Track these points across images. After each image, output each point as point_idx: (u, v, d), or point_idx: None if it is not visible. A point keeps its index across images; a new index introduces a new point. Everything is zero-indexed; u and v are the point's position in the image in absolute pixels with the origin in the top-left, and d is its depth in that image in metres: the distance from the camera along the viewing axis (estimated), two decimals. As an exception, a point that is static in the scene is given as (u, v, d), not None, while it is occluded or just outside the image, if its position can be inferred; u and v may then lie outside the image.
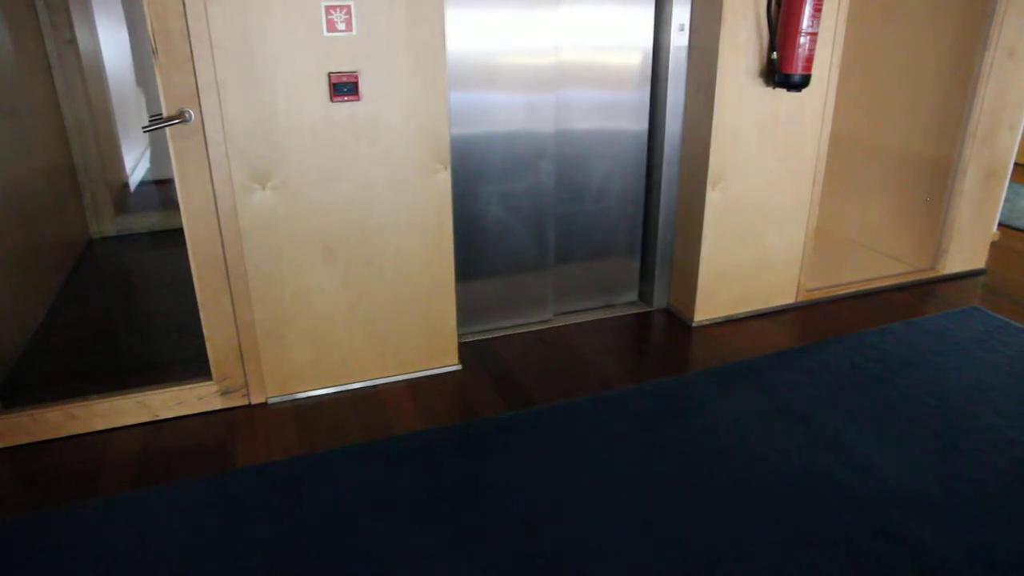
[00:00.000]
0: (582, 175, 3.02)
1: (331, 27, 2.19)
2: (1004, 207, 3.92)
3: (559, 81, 2.83)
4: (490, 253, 2.95)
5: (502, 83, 2.71)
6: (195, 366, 2.48)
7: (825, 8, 2.74)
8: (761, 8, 2.71)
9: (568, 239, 3.10)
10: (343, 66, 2.24)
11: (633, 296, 3.35)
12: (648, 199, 3.18)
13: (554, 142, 2.88)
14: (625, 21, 2.85)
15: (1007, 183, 3.65)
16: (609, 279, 3.26)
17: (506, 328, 3.06)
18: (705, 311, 3.11)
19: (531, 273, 3.04)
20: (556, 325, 3.09)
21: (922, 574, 1.78)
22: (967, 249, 3.63)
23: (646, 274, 3.28)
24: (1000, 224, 4.19)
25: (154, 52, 2.07)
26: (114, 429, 2.37)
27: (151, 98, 4.79)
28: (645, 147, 3.08)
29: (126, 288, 3.62)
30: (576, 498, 2.04)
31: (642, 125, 3.04)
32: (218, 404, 2.48)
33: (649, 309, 3.26)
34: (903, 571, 1.78)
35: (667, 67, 2.88)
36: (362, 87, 2.28)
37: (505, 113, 2.76)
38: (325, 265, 2.44)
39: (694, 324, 3.11)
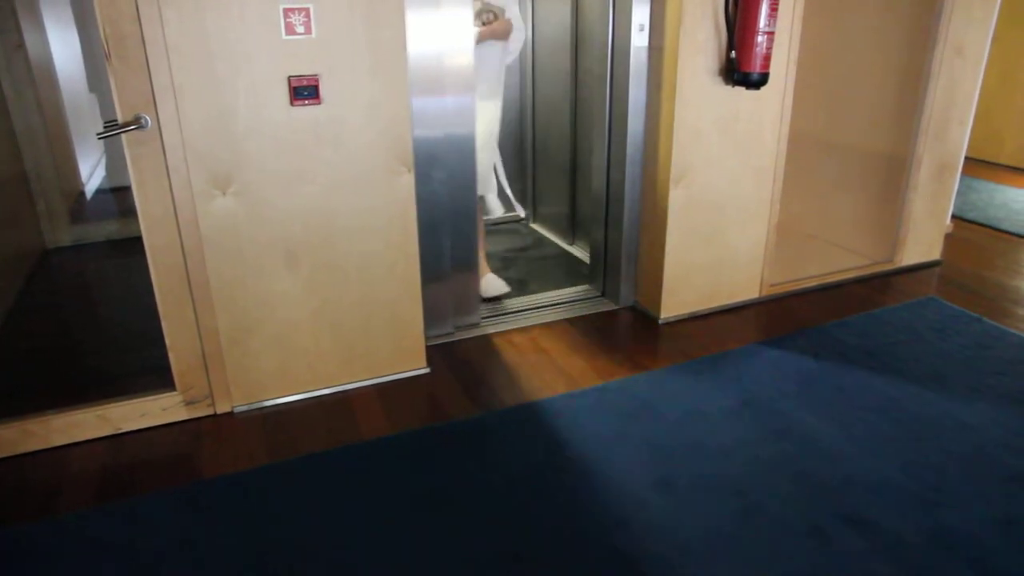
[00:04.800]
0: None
1: (290, 30, 2.16)
2: (956, 200, 4.03)
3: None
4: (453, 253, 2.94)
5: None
6: (158, 377, 2.42)
7: (781, 7, 2.78)
8: (719, 8, 2.74)
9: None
10: (303, 69, 2.22)
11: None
12: (609, 197, 3.20)
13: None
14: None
15: (959, 176, 3.75)
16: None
17: (472, 329, 3.06)
18: (671, 308, 3.15)
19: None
20: (523, 325, 3.10)
21: (887, 558, 1.82)
22: (923, 241, 3.72)
23: (612, 272, 3.30)
24: (953, 216, 4.31)
25: (107, 57, 2.02)
26: (74, 444, 2.31)
27: (105, 104, 4.68)
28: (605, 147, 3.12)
29: (84, 299, 3.53)
30: (551, 497, 2.04)
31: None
32: (183, 415, 2.44)
33: (616, 307, 3.29)
34: (869, 556, 1.82)
35: (626, 67, 2.90)
36: (323, 90, 2.25)
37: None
38: (289, 270, 2.41)
39: (660, 321, 3.14)
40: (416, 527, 1.94)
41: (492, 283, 3.28)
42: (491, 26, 2.90)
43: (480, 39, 2.91)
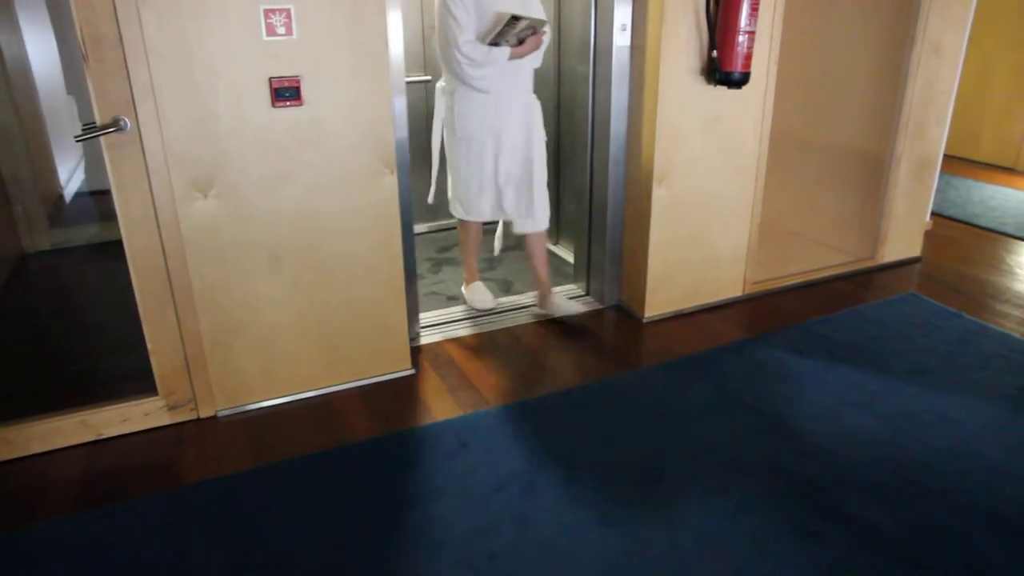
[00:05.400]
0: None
1: (271, 31, 2.15)
2: (936, 197, 4.07)
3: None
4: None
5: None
6: (140, 381, 2.39)
7: (762, 7, 2.80)
8: (700, 7, 2.75)
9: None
10: (284, 71, 2.20)
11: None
12: (592, 197, 3.21)
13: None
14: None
15: (937, 174, 3.79)
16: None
17: (459, 329, 3.05)
18: (655, 307, 3.16)
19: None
20: (508, 325, 3.10)
21: (873, 553, 1.83)
22: (903, 238, 3.76)
23: (596, 271, 3.31)
24: (933, 213, 4.35)
25: (85, 58, 2.00)
26: (54, 451, 2.27)
27: (84, 106, 4.63)
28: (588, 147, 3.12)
29: (64, 303, 3.49)
30: (538, 496, 2.04)
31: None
32: (165, 419, 2.41)
33: (600, 306, 3.29)
34: (855, 552, 1.84)
35: (608, 66, 2.91)
36: (304, 92, 2.24)
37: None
38: (272, 272, 2.39)
39: (645, 320, 3.14)
40: (403, 529, 1.93)
41: (479, 293, 3.23)
42: (525, 45, 2.77)
43: (516, 57, 2.78)
